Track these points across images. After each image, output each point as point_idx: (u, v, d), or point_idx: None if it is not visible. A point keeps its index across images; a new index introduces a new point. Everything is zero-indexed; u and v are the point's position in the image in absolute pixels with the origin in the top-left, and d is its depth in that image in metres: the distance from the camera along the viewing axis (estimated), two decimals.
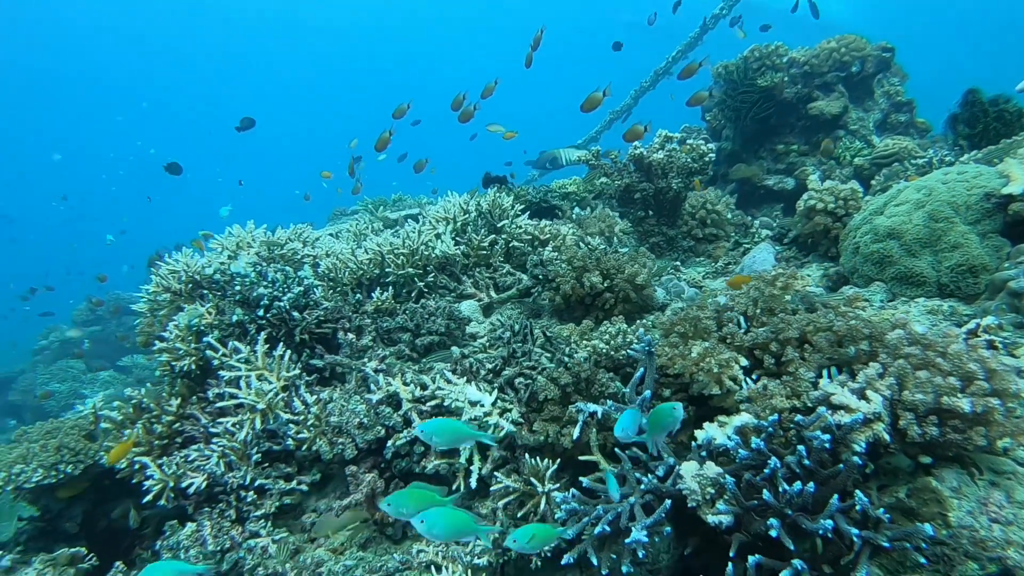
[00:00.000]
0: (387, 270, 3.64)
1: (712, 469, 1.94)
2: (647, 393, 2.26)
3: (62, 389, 11.16)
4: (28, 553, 3.77)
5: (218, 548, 2.56)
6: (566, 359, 2.60)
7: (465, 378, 2.67)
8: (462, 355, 2.84)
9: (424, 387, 2.68)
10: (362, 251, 3.77)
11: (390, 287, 3.58)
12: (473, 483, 2.50)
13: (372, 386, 2.74)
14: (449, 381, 2.65)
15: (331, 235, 5.02)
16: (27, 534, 3.95)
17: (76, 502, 4.07)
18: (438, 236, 3.78)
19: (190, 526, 2.68)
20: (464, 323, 3.30)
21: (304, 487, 2.86)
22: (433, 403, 2.62)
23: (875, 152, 4.86)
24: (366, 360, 2.94)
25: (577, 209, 5.04)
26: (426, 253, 3.65)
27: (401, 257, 3.61)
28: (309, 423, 2.78)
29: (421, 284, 3.61)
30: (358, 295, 3.59)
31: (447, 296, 3.56)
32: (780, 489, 1.79)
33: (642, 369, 2.36)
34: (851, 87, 5.69)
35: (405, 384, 2.71)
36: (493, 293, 3.59)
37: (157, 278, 4.01)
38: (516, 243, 3.84)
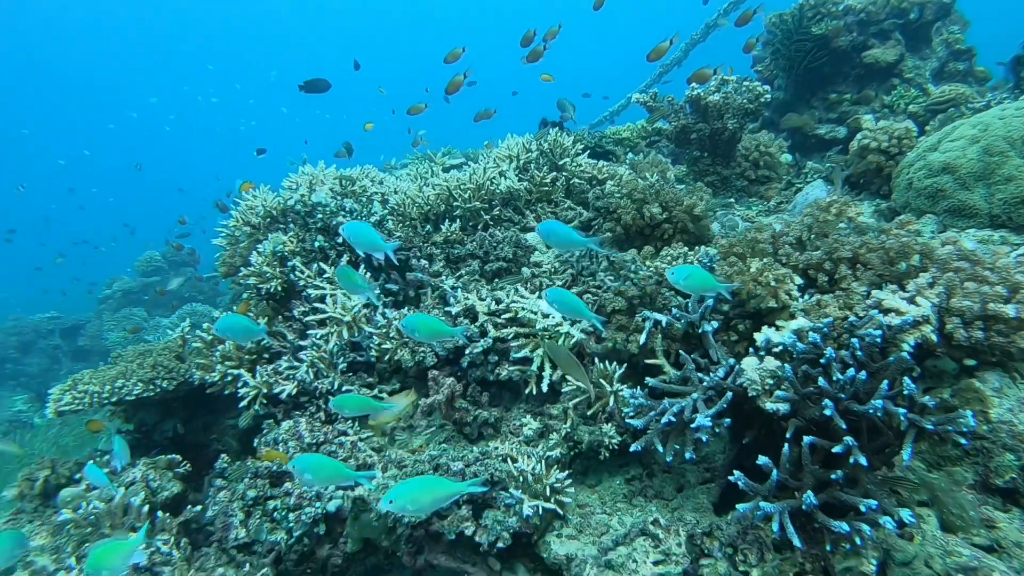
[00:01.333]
0: (454, 204, 3.85)
1: (771, 362, 2.14)
2: (710, 302, 2.46)
3: (127, 334, 11.72)
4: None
5: (313, 441, 2.85)
6: (632, 275, 2.79)
7: (536, 294, 2.89)
8: (532, 275, 3.07)
9: (499, 302, 2.92)
10: (429, 188, 4.00)
11: (457, 220, 3.80)
12: (544, 388, 2.74)
13: (451, 300, 2.99)
14: (522, 296, 2.88)
15: (395, 178, 5.25)
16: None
17: (168, 417, 4.45)
18: (502, 173, 3.98)
19: (287, 423, 2.98)
20: (529, 251, 3.52)
21: (384, 395, 3.14)
22: (507, 316, 2.85)
23: (931, 99, 4.88)
24: (443, 278, 3.18)
25: (631, 154, 5.19)
26: (491, 188, 3.86)
27: (468, 191, 3.82)
28: (391, 335, 3.05)
29: (487, 217, 3.82)
30: (428, 227, 3.83)
31: (512, 228, 3.77)
32: (834, 377, 1.98)
33: None
34: (908, 35, 5.66)
35: (481, 299, 2.95)
36: None
37: (237, 213, 4.31)
38: (576, 180, 4.03)
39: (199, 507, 3.41)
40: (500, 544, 2.37)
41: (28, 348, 12.45)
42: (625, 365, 2.63)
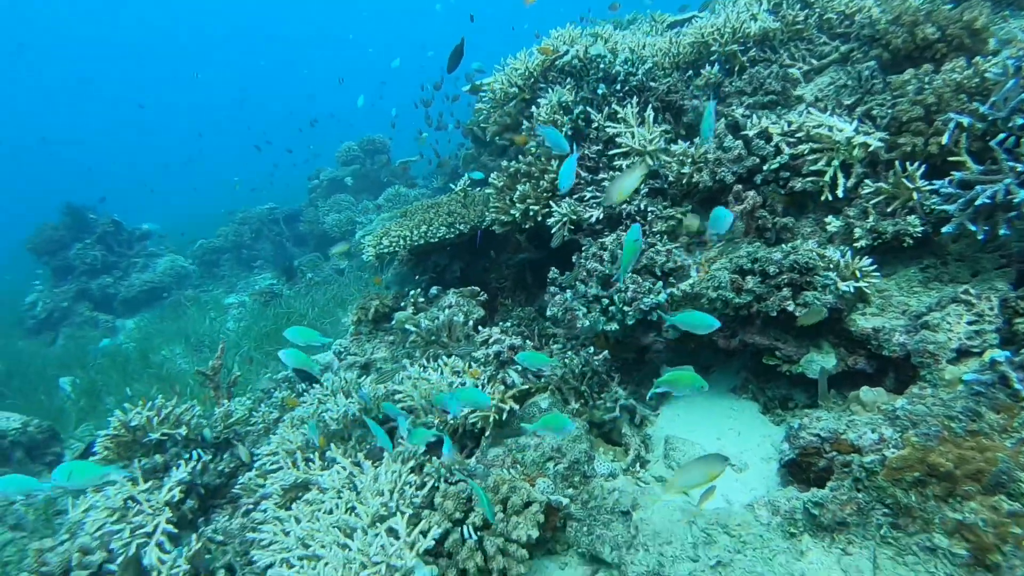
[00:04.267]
0: (712, 49, 4.17)
1: None
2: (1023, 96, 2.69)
3: (340, 218, 13.10)
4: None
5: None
6: (926, 87, 3.05)
7: (828, 112, 3.23)
8: (816, 99, 3.38)
9: (790, 122, 3.28)
10: (681, 37, 4.32)
11: (715, 64, 4.13)
12: (840, 193, 3.13)
13: (747, 124, 3.39)
14: (813, 115, 3.22)
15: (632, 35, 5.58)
16: (424, 283, 5.27)
17: (455, 260, 5.31)
18: (754, 16, 4.21)
19: (610, 236, 3.57)
20: (795, 83, 3.81)
21: (679, 216, 3.66)
22: (800, 135, 3.23)
23: None
24: (733, 108, 3.58)
25: None
26: (746, 30, 4.12)
27: (726, 35, 4.11)
28: (687, 162, 3.52)
29: (744, 59, 4.11)
30: (689, 72, 4.19)
31: (772, 66, 4.04)
32: None
33: (1012, 81, 2.77)
34: None
35: (773, 123, 3.33)
36: (813, 61, 4.02)
37: (503, 76, 4.89)
38: (830, 15, 4.18)
39: (495, 329, 4.17)
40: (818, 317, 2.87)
41: (258, 235, 14.30)
42: (924, 166, 2.94)
